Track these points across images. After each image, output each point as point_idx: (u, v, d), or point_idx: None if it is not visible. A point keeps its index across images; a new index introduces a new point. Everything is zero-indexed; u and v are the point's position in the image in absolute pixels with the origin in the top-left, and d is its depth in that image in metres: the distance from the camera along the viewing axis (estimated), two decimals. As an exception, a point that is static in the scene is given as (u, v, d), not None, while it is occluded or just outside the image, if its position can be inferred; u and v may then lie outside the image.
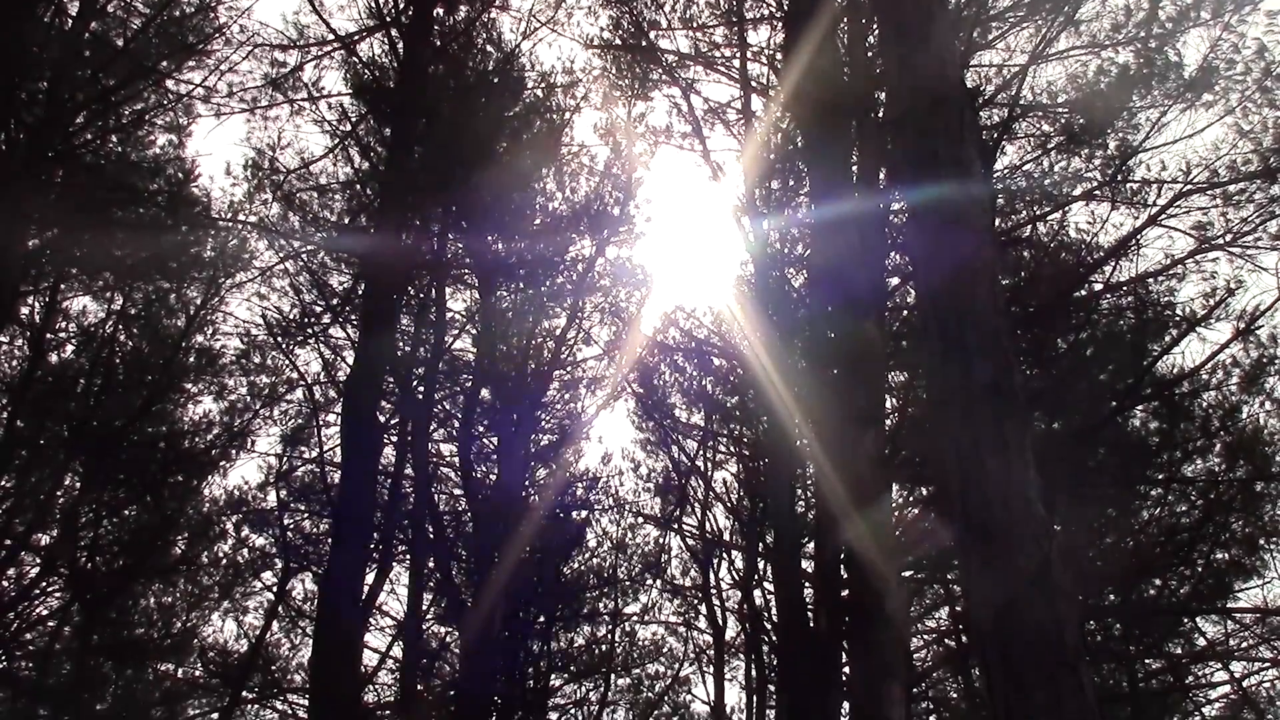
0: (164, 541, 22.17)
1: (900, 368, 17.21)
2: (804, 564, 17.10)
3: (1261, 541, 17.58)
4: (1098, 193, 16.75)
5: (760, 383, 17.08)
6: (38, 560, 20.92)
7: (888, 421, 16.01)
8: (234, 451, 22.68)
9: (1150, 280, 16.80)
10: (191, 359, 21.74)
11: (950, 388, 5.87)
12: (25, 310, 20.29)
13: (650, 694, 26.07)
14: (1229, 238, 16.13)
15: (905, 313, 17.15)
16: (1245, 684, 18.48)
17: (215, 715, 23.72)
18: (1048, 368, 16.48)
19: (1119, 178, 16.61)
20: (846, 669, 15.11)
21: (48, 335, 20.45)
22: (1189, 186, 16.04)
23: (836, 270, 14.25)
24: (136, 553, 21.65)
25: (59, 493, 20.63)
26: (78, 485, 20.94)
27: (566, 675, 25.92)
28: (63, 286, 20.76)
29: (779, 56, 17.96)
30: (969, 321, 5.94)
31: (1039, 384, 15.77)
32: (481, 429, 22.74)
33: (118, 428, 20.47)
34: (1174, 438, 17.43)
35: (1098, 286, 16.64)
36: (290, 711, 24.25)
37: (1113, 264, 16.58)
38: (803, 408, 15.09)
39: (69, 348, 21.45)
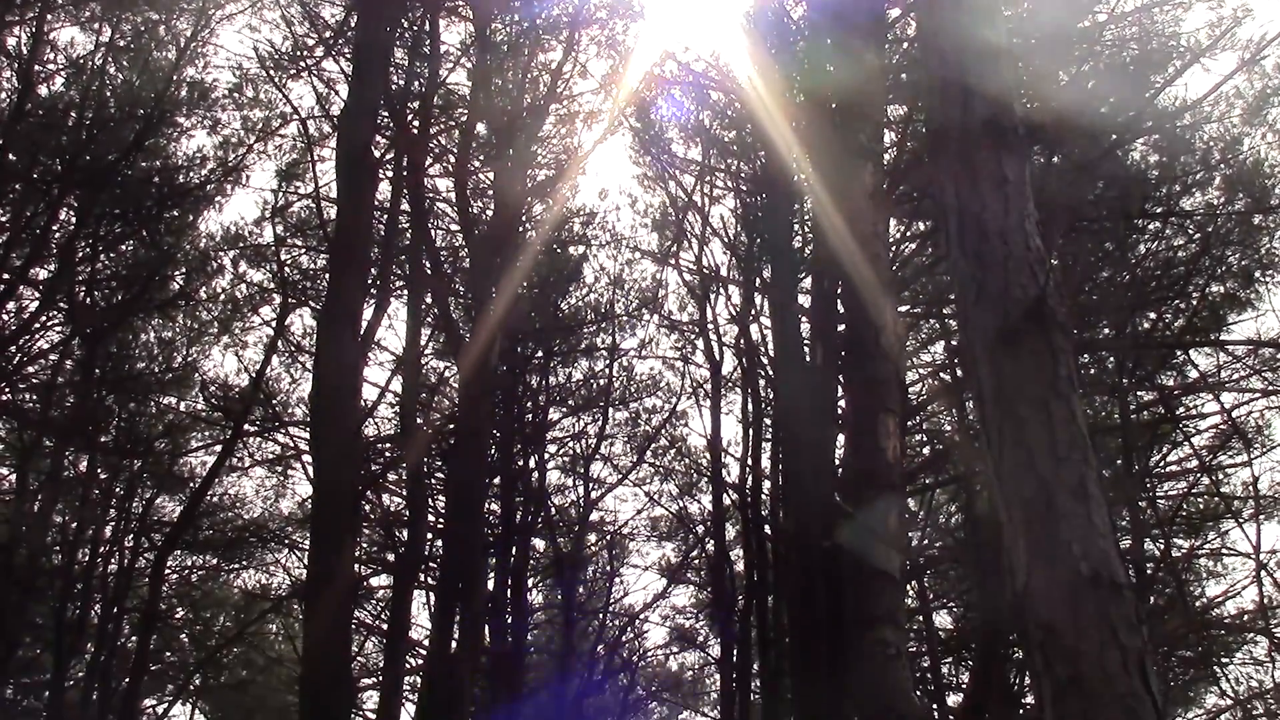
0: (161, 276, 22.24)
1: (899, 101, 17.00)
2: (801, 299, 17.18)
3: (1257, 274, 17.67)
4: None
5: (758, 117, 16.91)
6: (37, 294, 21.00)
7: (886, 155, 15.91)
8: (229, 186, 22.68)
9: (1155, 10, 16.52)
10: (183, 92, 21.53)
11: (949, 121, 5.79)
12: (12, 41, 20.01)
13: (647, 427, 26.51)
14: (1239, -38, 15.83)
15: (905, 45, 16.87)
16: (1235, 414, 18.75)
17: (218, 448, 24.10)
18: (1048, 100, 16.29)
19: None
20: (842, 402, 15.33)
21: (36, 67, 20.17)
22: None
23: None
24: (134, 287, 21.73)
25: (55, 227, 20.58)
26: (73, 220, 20.89)
27: (564, 409, 26.33)
28: (49, 17, 20.42)
29: None
30: (969, 53, 5.84)
31: (1039, 117, 15.61)
32: (477, 164, 22.62)
33: (111, 162, 20.32)
34: (1173, 171, 17.36)
35: (1101, 17, 16.36)
36: (291, 444, 24.70)
37: (1118, -7, 16.29)
38: (801, 142, 14.95)
39: (58, 80, 21.22)
